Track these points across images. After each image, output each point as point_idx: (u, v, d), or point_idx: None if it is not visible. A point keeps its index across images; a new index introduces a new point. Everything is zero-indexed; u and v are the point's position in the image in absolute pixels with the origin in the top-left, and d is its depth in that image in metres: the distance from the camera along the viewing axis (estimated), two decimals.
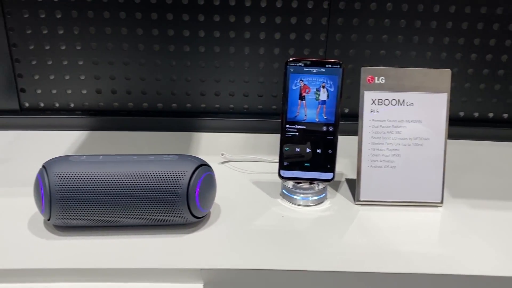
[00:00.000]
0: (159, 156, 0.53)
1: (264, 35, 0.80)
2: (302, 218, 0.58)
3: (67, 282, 0.48)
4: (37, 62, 0.81)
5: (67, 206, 0.50)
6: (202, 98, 0.85)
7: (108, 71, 0.82)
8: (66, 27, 0.78)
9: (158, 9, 0.78)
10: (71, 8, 0.77)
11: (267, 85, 0.84)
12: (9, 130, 0.82)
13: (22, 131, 0.82)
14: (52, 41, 0.79)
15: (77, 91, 0.83)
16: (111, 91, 0.84)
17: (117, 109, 0.85)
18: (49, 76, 0.82)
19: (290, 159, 0.60)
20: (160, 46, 0.81)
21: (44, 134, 0.82)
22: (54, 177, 0.50)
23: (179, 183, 0.51)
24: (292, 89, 0.58)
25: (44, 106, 0.84)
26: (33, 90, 0.83)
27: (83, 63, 0.81)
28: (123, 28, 0.79)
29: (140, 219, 0.52)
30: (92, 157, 0.53)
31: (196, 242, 0.52)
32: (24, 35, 0.79)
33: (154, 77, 0.83)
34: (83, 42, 0.80)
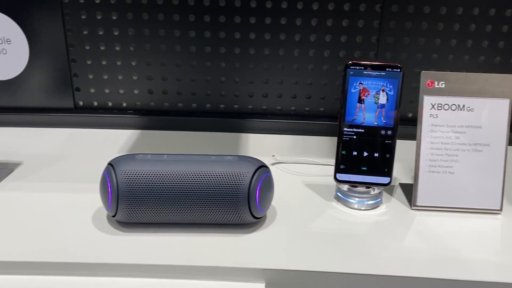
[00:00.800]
0: (220, 157, 0.54)
1: (315, 37, 0.81)
2: (359, 222, 0.58)
3: (130, 278, 0.50)
4: (92, 62, 0.83)
5: (134, 203, 0.51)
6: (250, 100, 0.86)
7: (160, 72, 0.84)
8: (121, 29, 0.81)
9: (210, 11, 0.79)
10: (126, 10, 0.79)
11: (315, 87, 0.84)
12: (64, 127, 0.85)
13: (76, 128, 0.85)
14: (107, 41, 0.82)
15: (130, 91, 0.85)
16: (162, 91, 0.85)
17: (167, 109, 0.87)
18: (103, 76, 0.84)
19: (347, 162, 0.60)
20: (211, 48, 0.82)
21: (97, 132, 0.84)
22: (121, 175, 0.51)
23: (240, 184, 0.51)
24: (351, 92, 0.58)
25: (98, 105, 0.87)
26: (88, 89, 0.85)
27: (136, 63, 0.83)
28: (176, 30, 0.81)
29: (201, 218, 0.53)
30: (157, 156, 0.54)
31: (256, 242, 0.53)
32: (81, 36, 0.81)
33: (204, 79, 0.84)
34: (137, 43, 0.82)
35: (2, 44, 0.81)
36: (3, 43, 0.81)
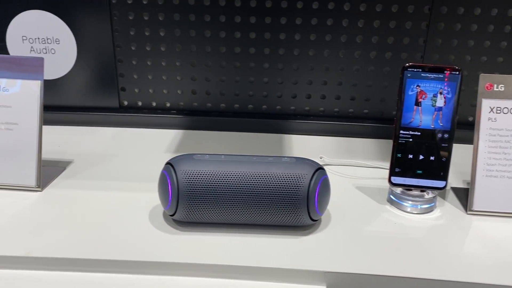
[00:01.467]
0: (277, 158, 0.54)
1: (361, 39, 0.80)
2: (415, 226, 0.57)
3: (189, 277, 0.50)
4: (138, 62, 0.84)
5: (193, 202, 0.52)
6: (293, 101, 0.86)
7: (204, 73, 0.84)
8: (167, 29, 0.81)
9: (256, 13, 0.79)
10: (173, 11, 0.80)
11: (360, 88, 0.84)
12: (109, 126, 0.86)
13: (121, 128, 0.86)
14: (153, 42, 0.82)
15: (173, 91, 0.86)
16: (206, 92, 0.86)
17: (210, 110, 0.87)
18: (148, 76, 0.85)
19: (402, 165, 0.59)
20: (256, 49, 0.82)
21: (141, 132, 0.85)
22: (182, 175, 0.52)
23: (299, 186, 0.51)
24: (408, 94, 0.58)
25: (142, 105, 0.88)
26: (132, 89, 0.86)
27: (181, 64, 0.84)
28: (221, 32, 0.81)
29: (258, 219, 0.53)
30: (215, 156, 0.54)
31: (314, 244, 0.53)
32: (127, 37, 0.82)
33: (247, 79, 0.84)
34: (182, 44, 0.82)
35: (51, 44, 0.82)
36: (52, 43, 0.82)
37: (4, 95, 0.61)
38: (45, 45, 0.82)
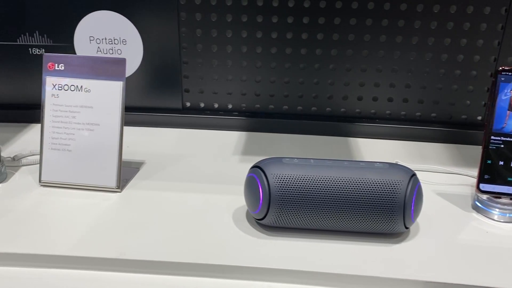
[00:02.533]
0: (369, 163, 0.53)
1: (433, 41, 0.78)
2: (507, 235, 0.55)
3: (277, 283, 0.49)
4: (203, 63, 0.84)
5: (285, 207, 0.51)
6: (358, 103, 0.84)
7: (269, 74, 0.83)
8: (234, 30, 0.81)
9: (324, 13, 0.78)
10: (241, 12, 0.79)
11: (429, 91, 0.82)
12: (171, 127, 0.86)
13: (183, 129, 0.86)
14: (220, 43, 0.82)
15: (237, 92, 0.85)
16: (269, 94, 0.85)
17: (273, 112, 0.86)
18: (212, 77, 0.85)
19: (492, 172, 0.57)
20: (322, 50, 0.81)
21: (204, 133, 0.85)
22: (273, 178, 0.51)
23: (396, 192, 0.50)
24: (502, 99, 0.56)
25: (204, 106, 0.87)
26: (196, 91, 0.86)
27: (246, 65, 0.83)
28: (288, 33, 0.80)
29: (350, 225, 0.52)
30: (304, 160, 0.53)
31: (407, 253, 0.51)
32: (194, 37, 0.82)
33: (312, 81, 0.83)
34: (249, 46, 0.82)
35: (118, 44, 0.83)
36: (119, 44, 0.82)
37: (86, 95, 0.62)
38: (112, 45, 0.83)
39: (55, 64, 0.62)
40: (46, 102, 0.62)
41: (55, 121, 0.62)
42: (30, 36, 0.82)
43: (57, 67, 0.62)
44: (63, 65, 0.62)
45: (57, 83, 0.62)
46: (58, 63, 0.62)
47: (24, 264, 0.50)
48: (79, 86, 0.62)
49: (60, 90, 0.62)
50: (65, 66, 0.62)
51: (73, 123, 0.62)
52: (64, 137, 0.62)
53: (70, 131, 0.62)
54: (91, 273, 0.50)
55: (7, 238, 0.52)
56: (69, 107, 0.62)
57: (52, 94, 0.62)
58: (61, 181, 0.63)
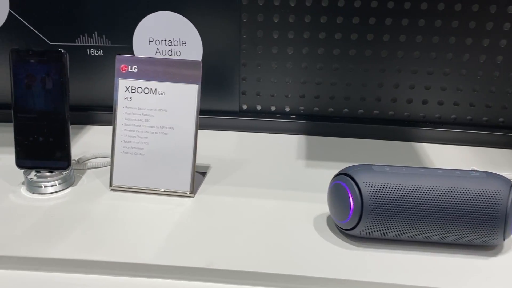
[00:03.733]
0: (464, 172, 0.51)
1: (505, 43, 0.75)
2: None
3: None
4: (263, 65, 0.82)
5: (378, 218, 0.49)
6: (423, 107, 0.81)
7: (330, 76, 0.81)
8: (297, 31, 0.79)
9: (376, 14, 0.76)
10: (305, 13, 0.78)
11: (498, 95, 0.79)
12: (228, 130, 0.85)
13: (240, 132, 0.85)
14: (281, 44, 0.80)
15: (296, 95, 0.84)
16: (329, 97, 0.83)
17: (332, 115, 0.84)
18: (271, 80, 0.83)
19: None
20: (388, 51, 0.78)
21: (262, 136, 0.83)
22: (366, 187, 0.49)
23: (497, 203, 0.48)
24: None
25: (261, 109, 0.86)
26: (253, 93, 0.84)
27: (307, 67, 0.81)
28: (353, 34, 0.78)
29: (446, 237, 0.49)
30: (395, 168, 0.51)
31: (509, 266, 0.49)
32: (255, 39, 0.80)
33: (375, 83, 0.81)
34: (310, 47, 0.80)
35: (178, 46, 0.81)
36: (179, 45, 0.81)
37: (160, 98, 0.60)
38: (171, 47, 0.81)
39: (128, 66, 0.61)
40: (118, 105, 0.61)
41: (128, 124, 0.61)
42: (88, 37, 0.81)
43: (130, 69, 0.61)
44: (137, 67, 0.61)
45: (130, 86, 0.61)
46: (132, 65, 0.61)
47: (106, 272, 0.49)
48: (153, 89, 0.60)
49: (133, 93, 0.61)
50: (139, 68, 0.61)
51: (146, 126, 0.61)
52: (137, 140, 0.61)
53: (143, 135, 0.61)
54: (177, 283, 0.48)
55: (88, 245, 0.51)
56: (142, 110, 0.61)
57: (125, 97, 0.61)
58: (132, 186, 0.61)
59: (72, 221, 0.55)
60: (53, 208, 0.58)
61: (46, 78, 0.59)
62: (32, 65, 0.59)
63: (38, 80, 0.59)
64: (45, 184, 0.61)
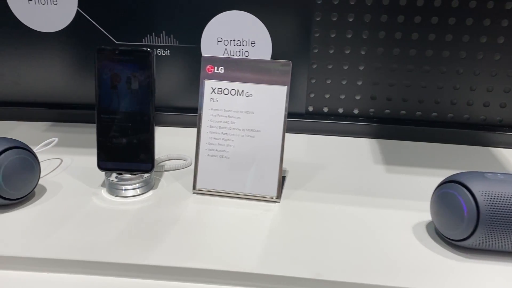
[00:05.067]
0: None
1: None
2: None
3: None
4: (334, 66, 0.80)
5: (495, 228, 0.46)
6: (501, 110, 0.78)
7: (404, 78, 0.78)
8: (371, 31, 0.76)
9: (456, 14, 0.73)
10: (381, 12, 0.75)
11: None
12: (294, 133, 0.83)
13: (306, 134, 0.82)
14: (354, 45, 0.78)
15: (366, 97, 0.81)
16: (402, 99, 0.80)
17: (405, 118, 0.81)
18: (341, 81, 0.81)
19: None
20: (466, 53, 0.75)
21: (331, 139, 0.81)
22: (482, 196, 0.46)
23: None
24: None
25: (328, 111, 0.83)
26: (322, 95, 0.82)
27: (381, 67, 0.79)
28: (431, 34, 0.75)
29: None
30: (509, 176, 0.48)
31: None
32: (327, 39, 0.78)
33: (450, 86, 0.78)
34: (385, 47, 0.77)
35: (246, 46, 0.79)
36: (247, 45, 0.79)
37: (247, 100, 0.58)
38: (240, 47, 0.79)
39: (214, 67, 0.59)
40: (204, 107, 0.59)
41: (213, 127, 0.59)
42: (156, 37, 0.80)
43: (216, 70, 0.59)
44: (223, 68, 0.59)
45: (217, 87, 0.59)
46: (218, 66, 0.59)
47: (209, 281, 0.47)
48: (240, 90, 0.59)
49: (219, 94, 0.59)
50: (226, 69, 0.59)
51: (232, 128, 0.59)
52: (222, 143, 0.59)
53: (229, 137, 0.59)
54: None
55: (186, 252, 0.49)
56: (228, 112, 0.59)
57: (210, 98, 0.59)
58: (216, 189, 0.60)
59: (162, 226, 0.53)
60: (140, 212, 0.56)
61: (132, 78, 0.58)
62: (118, 65, 0.57)
63: (124, 80, 0.58)
64: (127, 186, 0.59)
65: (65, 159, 0.70)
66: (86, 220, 0.54)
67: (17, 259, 0.47)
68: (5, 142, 0.54)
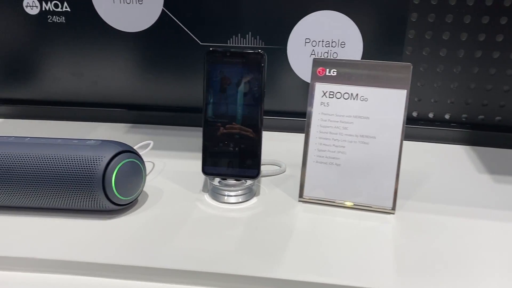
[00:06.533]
0: None
1: None
2: None
3: None
4: (427, 69, 0.76)
5: None
6: None
7: (502, 83, 0.74)
8: (470, 34, 0.72)
9: None
10: (483, 14, 0.71)
11: None
12: None
13: None
14: (451, 47, 0.74)
15: (460, 101, 0.77)
16: (500, 105, 0.76)
17: (500, 124, 0.77)
18: (433, 85, 0.77)
19: None
20: None
21: (419, 145, 0.77)
22: None
23: None
24: None
25: (418, 116, 0.80)
26: (411, 98, 0.78)
27: (478, 71, 0.75)
28: None
29: None
30: None
31: None
32: (422, 40, 0.74)
33: None
34: (484, 51, 0.73)
35: (336, 47, 0.76)
36: (337, 47, 0.76)
37: (361, 104, 0.55)
38: (328, 48, 0.77)
39: (326, 69, 0.56)
40: (314, 111, 0.57)
41: (323, 132, 0.57)
42: (242, 38, 0.78)
43: (328, 73, 0.56)
44: (336, 70, 0.56)
45: (328, 90, 0.56)
46: (330, 69, 0.56)
47: None
48: (354, 94, 0.56)
49: (331, 98, 0.56)
50: (338, 71, 0.56)
51: (344, 134, 0.56)
52: (332, 149, 0.56)
53: (340, 144, 0.56)
54: None
55: (311, 265, 0.46)
56: (340, 117, 0.56)
57: (321, 102, 0.56)
58: (325, 198, 0.57)
59: (278, 236, 0.51)
60: (251, 220, 0.54)
61: (242, 81, 0.55)
62: (228, 67, 0.55)
63: (234, 83, 0.55)
64: (233, 193, 0.57)
65: (157, 162, 0.68)
66: (199, 228, 0.52)
67: (141, 269, 0.46)
68: (116, 145, 0.52)
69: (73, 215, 0.53)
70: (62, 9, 0.78)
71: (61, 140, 0.52)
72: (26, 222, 0.52)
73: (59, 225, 0.51)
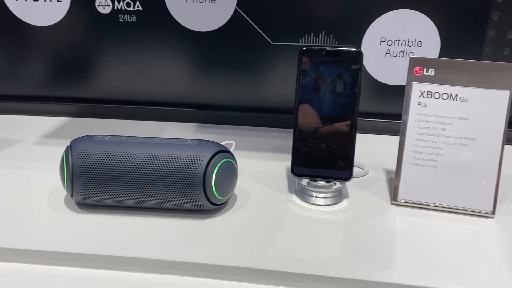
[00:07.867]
0: None
1: None
2: None
3: None
4: None
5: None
6: None
7: None
8: None
9: None
10: None
11: None
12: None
13: None
14: None
15: None
16: None
17: None
18: None
19: None
20: None
21: None
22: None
23: None
24: None
25: None
26: None
27: None
28: None
29: None
30: None
31: None
32: (503, 40, 0.72)
33: None
34: None
35: (412, 46, 0.75)
36: (413, 46, 0.75)
37: (461, 105, 0.54)
38: (403, 47, 0.75)
39: (423, 68, 0.55)
40: (410, 111, 0.55)
41: (420, 133, 0.55)
42: (314, 37, 0.77)
43: (426, 72, 0.55)
44: (434, 69, 0.55)
45: (426, 90, 0.55)
46: (428, 68, 0.55)
47: None
48: (453, 95, 0.54)
49: (429, 98, 0.55)
50: (436, 71, 0.54)
51: (443, 136, 0.54)
52: (430, 151, 0.55)
53: (438, 145, 0.55)
54: None
55: (424, 271, 0.45)
56: (438, 118, 0.54)
57: (418, 103, 0.55)
58: (421, 201, 0.55)
59: (381, 240, 0.49)
60: (349, 223, 0.52)
61: (337, 80, 0.54)
62: (323, 66, 0.54)
63: (328, 82, 0.54)
64: (325, 194, 0.56)
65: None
66: (297, 230, 0.51)
67: (252, 270, 0.45)
68: (213, 145, 0.52)
69: (167, 215, 0.52)
70: (134, 8, 0.79)
71: (159, 140, 0.52)
72: (125, 221, 0.51)
73: (157, 225, 0.51)
